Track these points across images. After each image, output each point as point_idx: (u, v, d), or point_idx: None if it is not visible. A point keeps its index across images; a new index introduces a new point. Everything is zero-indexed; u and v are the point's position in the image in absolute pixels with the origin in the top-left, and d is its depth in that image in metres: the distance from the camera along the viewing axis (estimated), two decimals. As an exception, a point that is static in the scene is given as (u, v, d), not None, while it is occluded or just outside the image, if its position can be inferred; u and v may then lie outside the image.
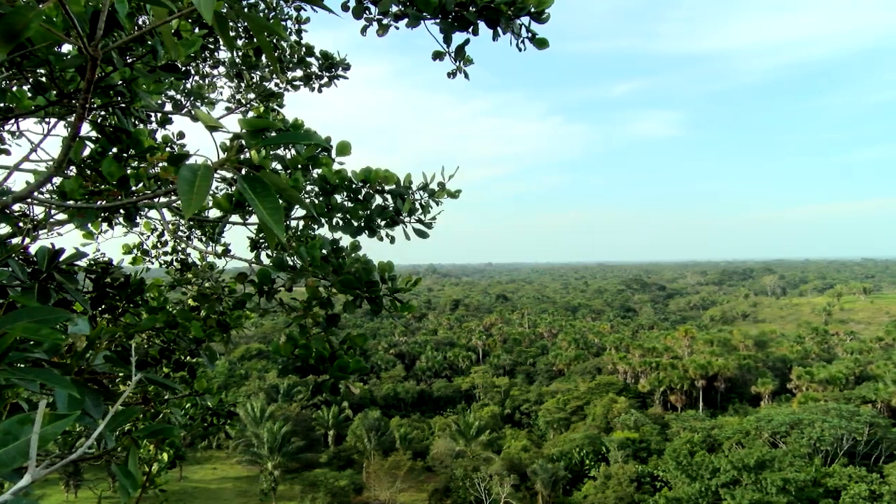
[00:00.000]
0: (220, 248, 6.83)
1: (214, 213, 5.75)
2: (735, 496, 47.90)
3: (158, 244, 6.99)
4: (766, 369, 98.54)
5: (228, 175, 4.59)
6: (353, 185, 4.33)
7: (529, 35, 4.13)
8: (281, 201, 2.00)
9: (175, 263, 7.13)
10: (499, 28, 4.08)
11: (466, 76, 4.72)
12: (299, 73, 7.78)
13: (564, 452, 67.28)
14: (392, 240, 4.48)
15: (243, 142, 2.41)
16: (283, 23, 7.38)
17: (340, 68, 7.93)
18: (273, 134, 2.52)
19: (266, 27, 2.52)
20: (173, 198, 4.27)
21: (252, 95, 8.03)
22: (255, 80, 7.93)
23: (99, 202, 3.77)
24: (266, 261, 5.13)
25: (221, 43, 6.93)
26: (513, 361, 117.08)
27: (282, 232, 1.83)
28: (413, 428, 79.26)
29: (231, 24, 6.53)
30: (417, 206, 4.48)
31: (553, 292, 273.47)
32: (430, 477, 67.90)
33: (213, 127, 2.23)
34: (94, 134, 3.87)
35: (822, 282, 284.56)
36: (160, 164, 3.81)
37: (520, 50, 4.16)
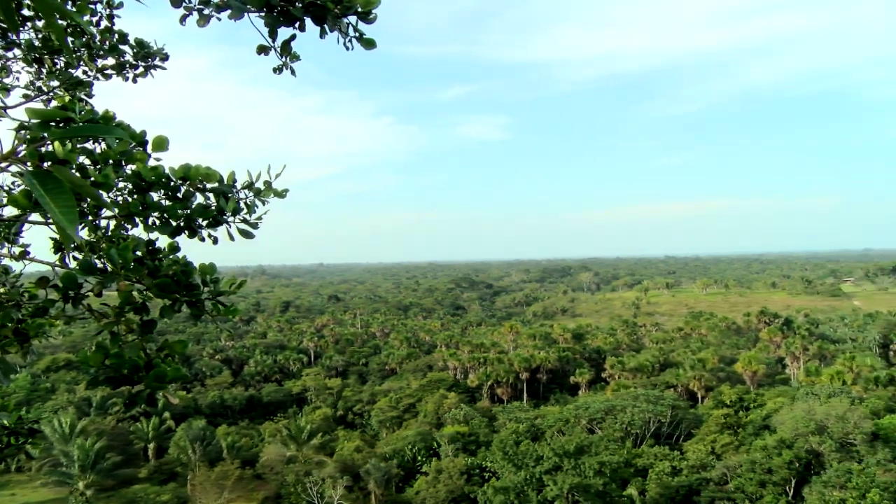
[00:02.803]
0: (17, 250, 6.17)
1: (11, 212, 5.19)
2: (557, 481, 50.77)
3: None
4: (584, 360, 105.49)
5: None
6: (172, 183, 4.09)
7: (357, 34, 4.12)
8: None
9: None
10: (326, 25, 4.04)
11: (293, 72, 4.63)
12: (111, 61, 7.21)
13: (397, 450, 67.95)
14: (215, 240, 4.29)
15: (45, 134, 2.21)
16: (93, 6, 6.81)
17: (158, 58, 7.46)
18: (74, 126, 2.33)
19: (55, 7, 2.31)
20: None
21: (56, 83, 7.33)
22: (59, 67, 7.24)
23: None
24: (72, 264, 4.71)
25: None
26: (345, 362, 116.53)
27: (75, 232, 1.70)
28: (242, 435, 76.48)
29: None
30: (242, 205, 4.32)
31: (385, 292, 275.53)
32: (261, 485, 65.86)
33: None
34: None
35: (632, 278, 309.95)
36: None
37: (347, 49, 4.14)
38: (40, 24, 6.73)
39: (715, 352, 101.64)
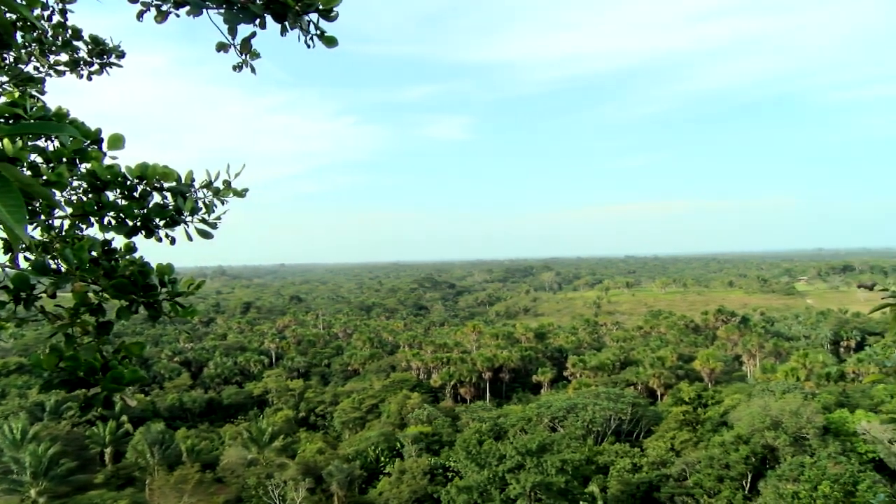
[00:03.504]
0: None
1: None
2: (520, 480, 51.08)
3: None
4: (546, 359, 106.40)
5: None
6: (128, 182, 4.02)
7: (318, 32, 4.09)
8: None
9: None
10: (286, 23, 4.00)
11: (253, 70, 4.58)
12: (64, 57, 7.04)
13: (360, 451, 67.62)
14: (172, 241, 4.22)
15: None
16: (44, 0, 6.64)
17: (113, 55, 7.30)
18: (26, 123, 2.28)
19: (1, 1, 2.25)
20: None
21: (5, 78, 7.13)
22: (7, 62, 7.04)
23: None
24: (24, 264, 4.59)
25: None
26: (307, 363, 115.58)
27: (23, 231, 1.65)
28: (201, 438, 75.28)
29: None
30: (201, 204, 4.26)
31: (348, 292, 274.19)
32: (221, 488, 64.89)
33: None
34: None
35: (593, 277, 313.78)
36: None
37: (308, 47, 4.11)
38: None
39: (674, 350, 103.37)
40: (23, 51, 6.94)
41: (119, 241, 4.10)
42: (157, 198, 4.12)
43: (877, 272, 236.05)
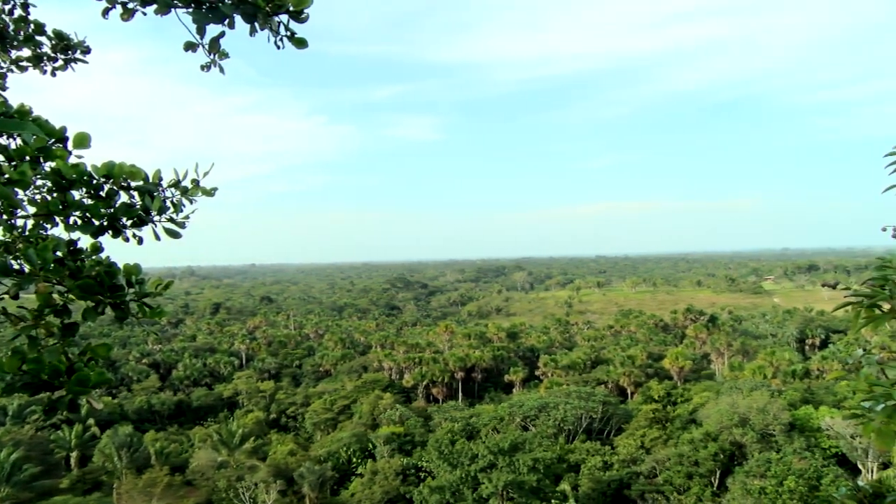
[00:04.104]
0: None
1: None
2: (492, 479, 51.22)
3: None
4: (518, 359, 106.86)
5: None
6: (94, 181, 3.95)
7: (288, 33, 4.07)
8: None
9: None
10: (256, 24, 3.97)
11: (222, 70, 4.53)
12: (27, 52, 6.89)
13: (332, 452, 67.30)
14: (140, 240, 4.16)
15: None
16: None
17: (78, 51, 7.16)
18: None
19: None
20: None
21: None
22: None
23: None
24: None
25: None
26: (278, 364, 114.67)
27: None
28: (170, 441, 74.32)
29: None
30: (168, 204, 4.20)
31: (319, 292, 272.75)
32: (191, 491, 64.13)
33: None
34: None
35: (564, 277, 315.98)
36: None
37: (278, 48, 4.08)
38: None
39: (644, 348, 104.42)
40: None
41: (85, 241, 4.03)
42: (124, 197, 4.06)
43: (840, 271, 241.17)
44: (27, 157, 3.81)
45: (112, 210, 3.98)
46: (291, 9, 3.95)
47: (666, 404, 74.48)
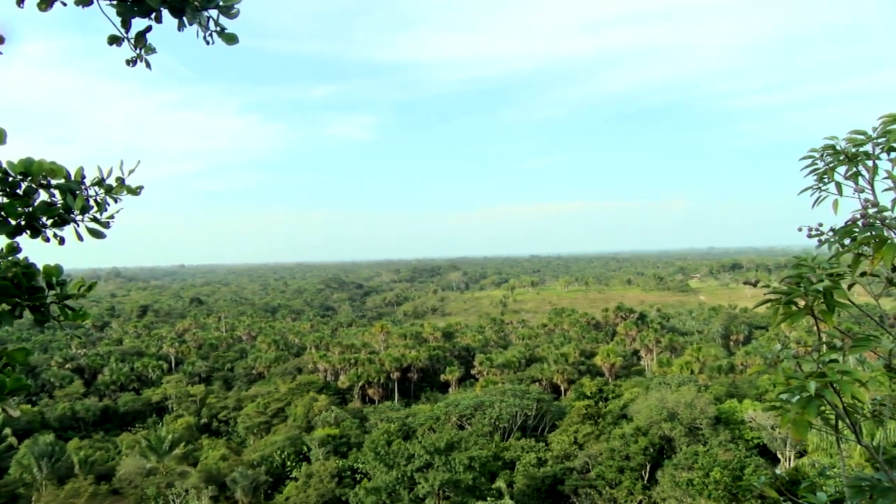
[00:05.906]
0: None
1: None
2: (428, 478, 51.30)
3: None
4: (454, 358, 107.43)
5: None
6: (10, 178, 3.78)
7: (218, 29, 3.99)
8: None
9: None
10: (184, 18, 3.88)
11: (148, 65, 4.41)
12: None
13: (265, 456, 66.19)
14: (61, 241, 4.00)
15: None
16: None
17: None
18: None
19: None
20: None
21: None
22: None
23: None
24: None
25: None
26: (209, 367, 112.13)
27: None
28: (96, 449, 71.71)
29: None
30: (92, 203, 4.06)
31: (252, 294, 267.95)
32: (118, 500, 62.11)
33: None
34: None
35: (499, 277, 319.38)
36: None
37: (207, 43, 4.00)
38: None
39: (576, 346, 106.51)
40: None
41: (1, 242, 3.86)
42: (43, 195, 3.90)
43: (762, 270, 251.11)
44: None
45: (31, 209, 3.82)
46: (221, 4, 3.88)
47: (598, 400, 76.15)
